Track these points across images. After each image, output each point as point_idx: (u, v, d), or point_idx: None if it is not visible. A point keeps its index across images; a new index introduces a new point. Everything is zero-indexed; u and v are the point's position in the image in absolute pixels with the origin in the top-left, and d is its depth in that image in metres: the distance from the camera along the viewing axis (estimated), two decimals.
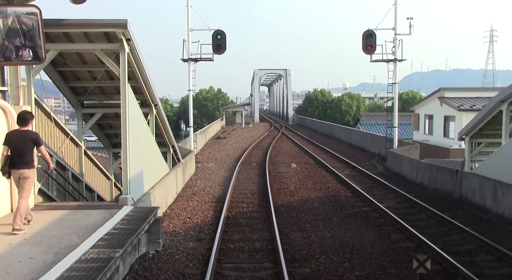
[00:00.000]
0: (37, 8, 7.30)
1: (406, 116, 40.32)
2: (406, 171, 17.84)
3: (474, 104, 24.89)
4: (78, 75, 10.78)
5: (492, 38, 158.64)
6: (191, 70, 21.73)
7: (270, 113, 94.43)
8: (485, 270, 7.66)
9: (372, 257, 8.28)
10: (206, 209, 12.29)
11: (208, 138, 34.06)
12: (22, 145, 7.02)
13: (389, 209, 11.72)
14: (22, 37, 7.27)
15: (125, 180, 8.80)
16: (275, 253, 8.29)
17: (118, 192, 13.63)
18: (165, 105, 71.61)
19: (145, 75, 10.21)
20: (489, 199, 11.68)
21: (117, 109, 9.72)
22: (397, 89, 21.32)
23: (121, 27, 8.34)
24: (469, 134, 15.72)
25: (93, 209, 8.44)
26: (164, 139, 13.63)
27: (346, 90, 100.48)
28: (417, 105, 31.99)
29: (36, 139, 7.19)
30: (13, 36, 7.24)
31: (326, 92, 77.11)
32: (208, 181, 16.95)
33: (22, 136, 7.09)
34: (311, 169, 19.85)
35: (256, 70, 68.44)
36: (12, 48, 7.29)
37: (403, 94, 66.80)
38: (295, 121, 64.04)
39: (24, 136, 7.09)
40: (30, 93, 8.77)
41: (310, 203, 13.07)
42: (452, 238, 9.61)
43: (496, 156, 12.68)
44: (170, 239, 9.26)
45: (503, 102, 13.25)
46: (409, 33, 20.40)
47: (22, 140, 7.05)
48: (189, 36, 21.21)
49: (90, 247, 6.23)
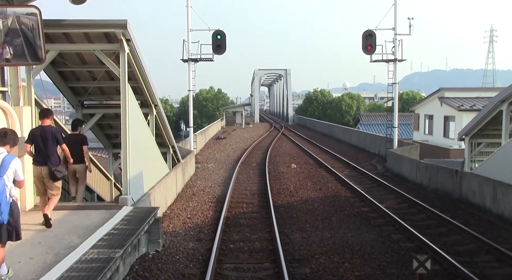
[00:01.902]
0: (37, 9, 7.30)
1: (406, 116, 40.34)
2: (406, 171, 17.84)
3: (474, 104, 24.89)
4: (78, 76, 10.78)
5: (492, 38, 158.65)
6: (191, 70, 21.72)
7: (270, 113, 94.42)
8: (485, 270, 7.66)
9: (372, 257, 8.28)
10: (206, 209, 12.29)
11: (208, 139, 34.06)
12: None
13: (389, 209, 11.72)
14: (22, 37, 7.27)
15: (125, 180, 8.80)
16: (275, 253, 8.29)
17: (118, 192, 13.63)
18: (165, 105, 71.66)
19: (145, 75, 10.21)
20: (489, 199, 11.68)
21: (117, 109, 9.72)
22: (397, 89, 21.32)
23: (121, 28, 8.34)
24: (469, 134, 15.71)
25: (93, 210, 8.45)
26: (164, 140, 13.63)
27: (346, 90, 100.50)
28: (417, 105, 31.99)
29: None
30: (13, 37, 7.25)
31: (326, 92, 77.18)
32: (208, 181, 16.95)
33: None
34: (311, 169, 19.85)
35: (256, 70, 68.45)
36: (12, 48, 7.29)
37: (403, 94, 66.83)
38: (295, 121, 64.06)
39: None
40: (30, 93, 8.77)
41: (310, 203, 13.07)
42: (452, 238, 9.61)
43: (496, 156, 12.67)
44: (170, 239, 9.27)
45: (503, 102, 13.24)
46: (409, 33, 20.39)
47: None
48: (189, 36, 21.21)
49: (90, 247, 6.24)
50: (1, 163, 5.05)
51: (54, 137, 7.48)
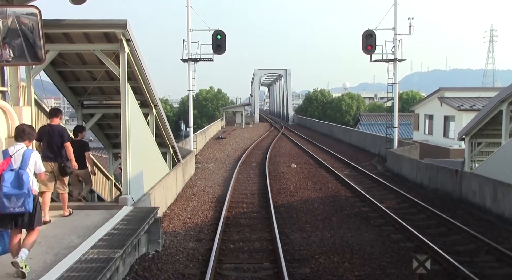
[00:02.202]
0: (36, 9, 7.29)
1: (406, 116, 40.34)
2: (406, 171, 17.84)
3: (474, 104, 24.88)
4: (78, 76, 10.77)
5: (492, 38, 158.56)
6: (191, 70, 21.73)
7: (270, 113, 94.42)
8: (485, 270, 7.67)
9: (372, 257, 8.28)
10: (206, 209, 12.29)
11: (208, 139, 34.06)
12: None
13: (389, 209, 11.72)
14: (21, 37, 7.26)
15: (125, 180, 8.80)
16: (275, 253, 8.29)
17: (118, 192, 13.62)
18: (165, 105, 71.65)
19: (145, 75, 10.21)
20: (489, 199, 11.68)
21: (117, 109, 9.71)
22: (397, 89, 21.32)
23: (121, 28, 8.34)
24: (469, 134, 15.71)
25: (93, 210, 8.45)
26: (164, 140, 13.63)
27: (346, 90, 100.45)
28: (417, 105, 31.99)
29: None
30: (12, 37, 7.24)
31: (326, 92, 77.18)
32: (208, 181, 16.95)
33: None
34: (311, 169, 19.85)
35: (256, 70, 68.44)
36: (12, 48, 7.29)
37: (403, 94, 66.84)
38: (295, 121, 64.05)
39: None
40: (30, 93, 8.76)
41: (310, 203, 13.07)
42: (452, 238, 9.62)
43: (496, 156, 12.67)
44: (170, 239, 9.27)
45: (503, 102, 13.24)
46: (409, 33, 20.39)
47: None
48: (189, 36, 21.21)
49: (90, 247, 6.24)
50: (22, 157, 5.40)
51: (60, 135, 7.77)
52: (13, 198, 5.13)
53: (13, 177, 5.22)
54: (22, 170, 5.29)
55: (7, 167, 5.30)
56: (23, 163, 5.35)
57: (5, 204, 5.12)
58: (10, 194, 5.13)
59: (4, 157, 5.46)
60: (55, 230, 7.08)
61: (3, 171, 5.25)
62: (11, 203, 5.14)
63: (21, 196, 5.16)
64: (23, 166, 5.33)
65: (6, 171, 5.26)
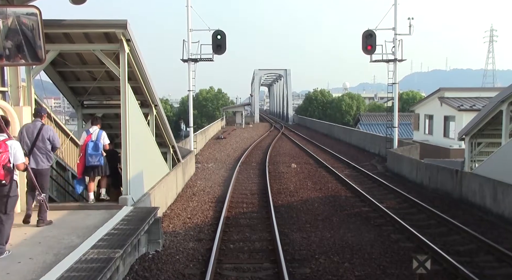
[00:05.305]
0: (37, 9, 7.30)
1: (406, 116, 40.32)
2: (406, 171, 17.84)
3: (474, 104, 24.87)
4: (78, 76, 10.77)
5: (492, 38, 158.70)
6: (191, 70, 21.74)
7: (270, 113, 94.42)
8: (485, 270, 7.66)
9: (372, 257, 8.28)
10: (206, 209, 12.29)
11: (208, 138, 34.06)
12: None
13: (389, 209, 11.72)
14: (22, 37, 7.27)
15: (125, 180, 8.80)
16: (275, 253, 8.29)
17: None
18: (165, 105, 71.65)
19: (145, 75, 10.20)
20: (489, 199, 11.69)
21: (117, 109, 9.71)
22: (397, 89, 21.33)
23: (121, 28, 8.34)
24: (469, 134, 15.69)
25: (93, 210, 8.45)
26: (164, 139, 13.63)
27: (346, 90, 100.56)
28: (417, 105, 31.97)
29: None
30: (13, 37, 7.25)
31: (326, 92, 77.23)
32: (208, 181, 16.95)
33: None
34: (311, 169, 19.85)
35: (256, 70, 68.44)
36: (12, 48, 7.29)
37: (403, 94, 66.87)
38: (295, 121, 64.05)
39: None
40: (30, 93, 8.77)
41: (310, 203, 13.07)
42: (452, 238, 9.61)
43: (496, 156, 12.66)
44: (170, 240, 9.27)
45: (503, 102, 13.22)
46: (409, 33, 20.42)
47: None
48: (189, 36, 21.22)
49: (90, 247, 6.24)
50: (97, 134, 8.63)
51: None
52: (93, 156, 8.43)
53: (93, 145, 8.48)
54: (98, 141, 8.53)
55: (89, 139, 8.51)
56: (98, 138, 8.57)
57: (89, 159, 8.43)
58: (91, 154, 8.42)
59: (87, 134, 8.64)
60: (55, 230, 7.08)
61: (88, 141, 8.47)
62: (92, 159, 8.43)
63: (97, 156, 8.47)
64: (98, 139, 8.55)
65: (89, 142, 8.48)
